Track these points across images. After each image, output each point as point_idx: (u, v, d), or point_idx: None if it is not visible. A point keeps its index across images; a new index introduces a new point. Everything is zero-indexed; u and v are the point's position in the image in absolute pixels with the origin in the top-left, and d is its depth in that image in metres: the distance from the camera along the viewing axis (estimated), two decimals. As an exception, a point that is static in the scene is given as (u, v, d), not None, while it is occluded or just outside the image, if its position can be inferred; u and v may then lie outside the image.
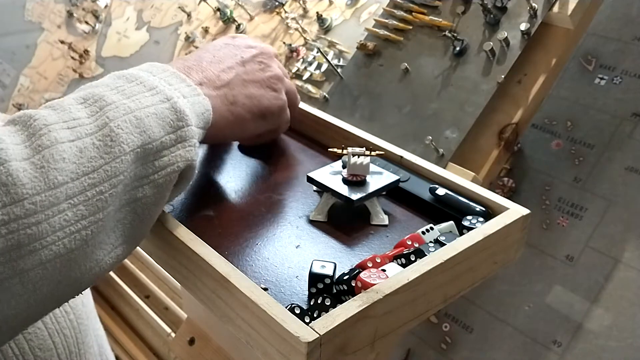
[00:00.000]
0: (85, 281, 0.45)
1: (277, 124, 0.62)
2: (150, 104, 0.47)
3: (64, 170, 0.42)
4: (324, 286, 0.44)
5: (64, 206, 0.41)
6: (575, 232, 0.77)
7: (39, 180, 0.40)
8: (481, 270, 0.49)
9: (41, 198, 0.40)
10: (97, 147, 0.44)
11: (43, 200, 0.40)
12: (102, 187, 0.43)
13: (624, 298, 0.71)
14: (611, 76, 0.82)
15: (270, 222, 0.53)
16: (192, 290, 0.47)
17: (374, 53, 0.90)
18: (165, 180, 0.47)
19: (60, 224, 0.41)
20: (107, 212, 0.44)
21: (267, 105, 0.59)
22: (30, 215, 0.40)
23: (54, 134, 0.43)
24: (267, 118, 0.60)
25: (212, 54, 0.59)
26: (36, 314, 0.44)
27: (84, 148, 0.43)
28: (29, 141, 0.42)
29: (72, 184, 0.42)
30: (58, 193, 0.41)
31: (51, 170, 0.41)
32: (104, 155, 0.44)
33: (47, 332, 0.65)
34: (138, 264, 1.12)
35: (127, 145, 0.45)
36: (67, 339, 0.67)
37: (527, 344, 0.75)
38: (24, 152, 0.41)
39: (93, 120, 0.45)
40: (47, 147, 0.42)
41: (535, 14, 0.78)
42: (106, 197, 0.43)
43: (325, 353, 0.38)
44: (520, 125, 0.78)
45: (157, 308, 1.05)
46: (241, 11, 1.22)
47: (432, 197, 0.54)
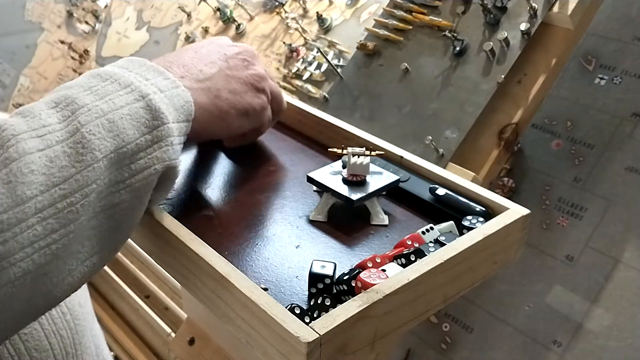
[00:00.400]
0: (59, 294, 0.43)
1: (260, 123, 0.60)
2: (124, 104, 0.45)
3: (32, 184, 0.40)
4: (324, 286, 0.44)
5: (33, 221, 0.40)
6: (575, 232, 0.77)
7: (6, 197, 0.39)
8: (481, 270, 0.49)
9: (8, 216, 0.39)
10: (69, 155, 0.42)
11: (10, 218, 0.39)
12: (74, 198, 0.42)
13: (624, 298, 0.71)
14: (611, 76, 0.82)
15: (270, 222, 0.53)
16: (192, 290, 0.47)
17: (374, 53, 0.90)
18: (143, 184, 0.45)
19: (29, 240, 0.40)
20: (80, 223, 0.42)
21: (250, 102, 0.57)
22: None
23: (22, 145, 0.41)
24: (250, 116, 0.58)
25: (194, 50, 0.57)
26: (10, 331, 0.43)
27: (54, 157, 0.42)
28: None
29: (42, 196, 0.40)
30: (26, 208, 0.40)
31: (19, 185, 0.40)
32: (76, 164, 0.42)
33: (44, 333, 0.64)
34: (138, 264, 1.13)
35: (99, 151, 0.43)
36: (64, 339, 0.66)
37: (527, 344, 0.75)
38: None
39: (64, 126, 0.43)
40: (15, 160, 0.40)
41: (535, 14, 0.78)
42: (78, 207, 0.42)
43: (325, 353, 0.38)
44: (520, 125, 0.78)
45: (157, 308, 1.05)
46: (241, 11, 1.22)
47: (432, 197, 0.54)
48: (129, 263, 1.13)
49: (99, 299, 1.11)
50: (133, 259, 1.13)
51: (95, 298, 1.11)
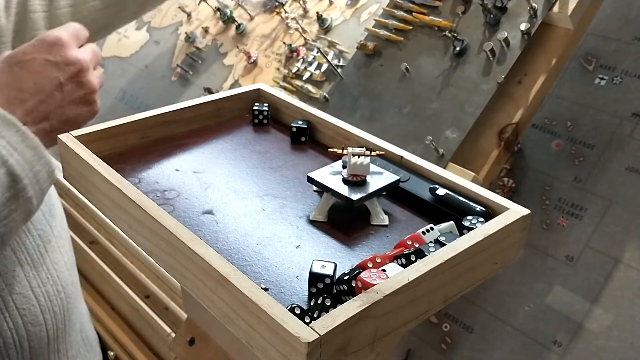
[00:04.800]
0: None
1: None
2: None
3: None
4: (324, 286, 0.44)
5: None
6: (575, 232, 0.77)
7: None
8: (481, 270, 0.49)
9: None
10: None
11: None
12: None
13: (624, 298, 0.71)
14: (611, 76, 0.82)
15: (270, 222, 0.53)
16: (192, 290, 0.47)
17: (374, 53, 0.90)
18: (6, 229, 0.58)
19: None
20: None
21: (83, 121, 0.66)
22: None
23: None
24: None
25: (32, 80, 0.62)
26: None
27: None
28: None
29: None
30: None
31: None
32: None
33: (40, 308, 0.70)
34: (138, 264, 1.12)
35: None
36: (57, 316, 0.72)
37: (527, 344, 0.75)
38: None
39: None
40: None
41: (535, 14, 0.78)
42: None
43: (325, 353, 0.38)
44: (520, 125, 0.78)
45: (157, 308, 1.05)
46: (241, 11, 1.22)
47: (432, 197, 0.54)
48: (129, 263, 1.12)
49: (98, 299, 1.11)
50: (133, 259, 1.13)
51: (95, 298, 1.11)
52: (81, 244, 1.16)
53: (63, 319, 0.74)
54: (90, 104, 0.66)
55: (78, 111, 0.65)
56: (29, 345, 0.70)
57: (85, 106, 0.65)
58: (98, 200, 0.57)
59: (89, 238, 1.19)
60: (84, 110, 0.66)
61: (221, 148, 0.65)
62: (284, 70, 1.07)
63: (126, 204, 0.52)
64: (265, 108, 0.70)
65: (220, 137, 0.67)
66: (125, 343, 1.04)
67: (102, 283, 1.12)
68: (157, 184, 0.58)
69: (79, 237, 1.17)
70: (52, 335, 0.73)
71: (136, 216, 0.51)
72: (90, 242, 1.18)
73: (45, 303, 0.71)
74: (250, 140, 0.67)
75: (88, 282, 1.14)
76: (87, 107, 0.66)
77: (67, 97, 0.64)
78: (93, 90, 0.65)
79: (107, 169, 0.55)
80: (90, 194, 0.58)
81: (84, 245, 1.16)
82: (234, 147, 0.65)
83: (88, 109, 0.66)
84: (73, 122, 0.65)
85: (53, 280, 0.73)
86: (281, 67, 1.08)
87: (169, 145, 0.65)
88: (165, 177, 0.59)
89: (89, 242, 1.18)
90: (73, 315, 0.77)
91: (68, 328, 0.76)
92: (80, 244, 1.15)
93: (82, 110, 0.65)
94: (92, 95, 0.66)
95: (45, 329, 0.71)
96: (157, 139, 0.66)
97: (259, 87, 0.73)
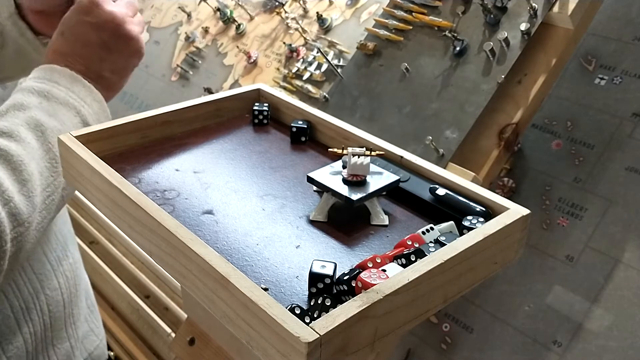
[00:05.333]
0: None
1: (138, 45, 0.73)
2: (69, 122, 0.65)
3: (37, 191, 0.61)
4: (324, 286, 0.44)
5: (36, 215, 0.61)
6: (575, 232, 0.77)
7: (30, 207, 0.60)
8: (481, 270, 0.49)
9: (31, 218, 0.60)
10: (48, 168, 0.63)
11: (32, 219, 0.60)
12: (54, 196, 0.63)
13: (624, 298, 0.71)
14: (611, 76, 0.82)
15: (270, 222, 0.53)
16: (192, 290, 0.47)
17: (374, 53, 0.90)
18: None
19: (34, 228, 0.61)
20: (56, 208, 0.65)
21: (134, 67, 0.73)
22: (26, 230, 0.60)
23: (29, 168, 0.60)
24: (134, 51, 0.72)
25: (80, 43, 0.69)
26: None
27: (42, 171, 0.62)
28: (14, 175, 0.59)
29: (40, 197, 0.61)
30: (36, 211, 0.61)
31: (33, 197, 0.60)
32: (53, 174, 0.63)
33: (54, 273, 0.76)
34: (138, 264, 1.12)
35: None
36: (69, 280, 0.79)
37: (527, 344, 0.75)
38: (16, 187, 0.59)
39: (40, 145, 0.62)
40: (28, 180, 0.60)
41: (535, 14, 0.78)
42: (56, 199, 0.64)
43: (325, 353, 0.38)
44: (520, 125, 0.78)
45: (157, 308, 1.05)
46: (241, 11, 1.22)
47: (432, 197, 0.54)
48: (129, 263, 1.13)
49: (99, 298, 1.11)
50: (133, 259, 1.14)
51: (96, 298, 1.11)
52: (81, 244, 1.16)
53: (74, 283, 0.80)
54: (136, 52, 0.72)
55: (127, 60, 0.72)
56: (49, 309, 0.75)
57: (132, 55, 0.71)
58: (98, 200, 0.57)
59: (89, 238, 1.19)
60: (132, 58, 0.72)
61: (221, 148, 0.65)
62: (284, 70, 1.07)
63: (126, 204, 0.52)
64: (265, 108, 0.70)
65: (220, 137, 0.67)
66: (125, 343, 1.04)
67: (102, 283, 1.12)
68: (157, 184, 0.58)
69: (79, 237, 1.17)
70: (66, 299, 0.78)
71: (136, 216, 0.51)
72: (90, 242, 1.18)
73: (57, 267, 0.76)
74: (250, 140, 0.67)
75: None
76: (135, 55, 0.72)
77: (114, 51, 0.70)
78: (135, 38, 0.70)
79: (107, 169, 0.55)
80: (90, 194, 0.58)
81: (84, 245, 1.16)
82: (234, 147, 0.65)
83: (136, 56, 0.72)
84: (125, 70, 0.72)
85: (61, 245, 0.78)
86: (281, 67, 1.08)
87: (169, 145, 0.65)
88: (165, 177, 0.59)
89: (89, 242, 1.18)
90: (81, 281, 0.83)
91: (78, 292, 0.81)
92: (80, 244, 1.15)
93: (130, 59, 0.72)
94: (136, 43, 0.71)
95: (61, 292, 0.76)
96: (157, 139, 0.66)
97: (259, 87, 0.73)
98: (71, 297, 0.79)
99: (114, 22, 0.69)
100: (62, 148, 0.60)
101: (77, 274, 0.82)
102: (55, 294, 0.76)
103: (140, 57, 0.73)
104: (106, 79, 0.70)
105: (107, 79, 0.70)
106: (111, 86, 0.71)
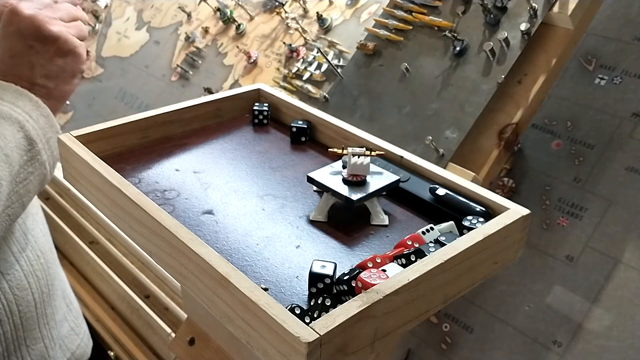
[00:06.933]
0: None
1: (78, 56, 0.70)
2: (11, 137, 0.62)
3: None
4: (324, 286, 0.44)
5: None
6: (575, 232, 0.77)
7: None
8: (481, 270, 0.49)
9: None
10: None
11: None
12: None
13: (624, 298, 0.71)
14: (611, 76, 0.82)
15: (270, 222, 0.53)
16: (192, 290, 0.47)
17: (374, 53, 0.90)
18: (25, 190, 0.64)
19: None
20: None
21: (73, 71, 0.69)
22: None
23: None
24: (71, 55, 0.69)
25: (8, 54, 0.67)
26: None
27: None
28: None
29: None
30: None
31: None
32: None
33: (23, 273, 0.74)
34: (138, 264, 1.12)
35: (3, 179, 0.60)
36: (40, 280, 0.77)
37: (527, 344, 0.75)
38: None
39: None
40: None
41: (535, 14, 0.78)
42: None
43: (325, 353, 0.38)
44: (520, 125, 0.78)
45: (157, 308, 1.05)
46: (241, 11, 1.22)
47: (432, 197, 0.54)
48: (129, 263, 1.12)
49: (98, 299, 1.11)
50: (133, 259, 1.13)
51: (95, 298, 1.11)
52: (81, 244, 1.16)
53: (46, 283, 0.78)
54: (67, 52, 0.68)
55: (60, 63, 0.68)
56: (18, 309, 0.74)
57: (62, 55, 0.68)
58: (98, 200, 0.57)
59: (89, 238, 1.19)
60: (63, 59, 0.68)
61: (221, 148, 0.65)
62: (284, 70, 1.07)
63: (126, 204, 0.52)
64: (265, 108, 0.70)
65: (220, 137, 0.67)
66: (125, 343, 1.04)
67: (102, 283, 1.12)
68: (157, 184, 0.58)
69: (79, 237, 1.17)
70: (38, 298, 0.76)
71: (136, 216, 0.51)
72: (90, 242, 1.18)
73: (27, 267, 0.75)
74: (250, 140, 0.67)
75: (88, 282, 1.14)
76: (67, 56, 0.68)
77: (41, 55, 0.67)
78: (60, 38, 0.67)
79: (107, 169, 0.55)
80: (90, 194, 0.58)
81: (84, 245, 1.16)
82: (234, 147, 0.65)
83: (70, 58, 0.68)
84: (62, 75, 0.68)
85: (32, 245, 0.77)
86: (281, 67, 1.08)
87: (169, 145, 0.65)
88: (165, 177, 0.59)
89: (89, 242, 1.18)
90: (55, 280, 0.81)
91: (52, 292, 0.80)
92: (80, 244, 1.15)
93: (63, 62, 0.68)
94: (63, 43, 0.67)
95: (31, 292, 0.75)
96: (157, 139, 0.66)
97: (259, 87, 0.73)
98: (43, 297, 0.78)
99: (34, 24, 0.67)
100: (62, 148, 0.60)
101: (51, 273, 0.80)
102: (25, 293, 0.75)
103: (76, 58, 0.69)
104: (41, 86, 0.68)
105: (42, 85, 0.68)
106: (50, 93, 0.68)
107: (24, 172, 0.63)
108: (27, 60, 0.67)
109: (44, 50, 0.67)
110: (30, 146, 0.64)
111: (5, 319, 0.73)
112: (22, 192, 0.64)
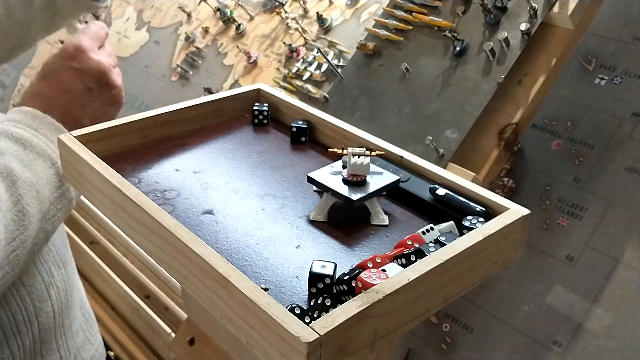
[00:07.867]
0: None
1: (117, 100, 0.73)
2: (42, 174, 0.63)
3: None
4: (324, 286, 0.44)
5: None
6: (575, 232, 0.77)
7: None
8: (481, 270, 0.49)
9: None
10: (14, 221, 0.59)
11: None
12: (18, 251, 0.60)
13: (624, 298, 0.71)
14: (611, 76, 0.82)
15: (270, 222, 0.53)
16: (192, 290, 0.47)
17: (374, 53, 0.90)
18: (52, 226, 0.65)
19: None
20: (22, 261, 0.61)
21: (112, 117, 0.72)
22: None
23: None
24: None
25: (63, 88, 0.68)
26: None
27: (7, 224, 0.59)
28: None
29: (2, 253, 0.58)
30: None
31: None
32: (19, 227, 0.60)
33: (44, 284, 0.74)
34: (138, 264, 1.12)
35: (33, 216, 0.61)
36: (60, 291, 0.77)
37: (527, 344, 0.75)
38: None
39: (9, 196, 0.60)
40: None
41: (535, 14, 0.78)
42: (20, 253, 0.61)
43: (325, 353, 0.38)
44: (520, 125, 0.78)
45: (157, 308, 1.05)
46: (241, 11, 1.22)
47: (432, 197, 0.54)
48: (129, 263, 1.13)
49: (99, 299, 1.11)
50: (133, 259, 1.13)
51: (95, 298, 1.11)
52: (81, 244, 1.16)
53: (66, 293, 0.78)
54: (117, 102, 0.72)
55: (107, 109, 0.71)
56: (37, 320, 0.74)
57: (113, 104, 0.72)
58: (98, 200, 0.57)
59: (89, 238, 1.19)
60: (112, 108, 0.72)
61: (221, 148, 0.65)
62: (284, 70, 1.07)
63: (126, 204, 0.52)
64: (265, 108, 0.70)
65: (220, 137, 0.67)
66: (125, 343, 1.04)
67: (102, 283, 1.12)
68: (157, 184, 0.58)
69: (79, 237, 1.17)
70: (57, 309, 0.76)
71: (136, 216, 0.51)
72: (90, 242, 1.18)
73: (48, 279, 0.75)
74: (250, 140, 0.67)
75: (88, 282, 1.14)
76: (115, 104, 0.72)
77: (96, 99, 0.69)
78: (118, 87, 0.71)
79: (107, 169, 0.55)
80: (90, 194, 0.58)
81: (84, 245, 1.16)
82: (234, 147, 0.65)
83: (116, 106, 0.72)
84: (104, 120, 0.69)
85: (53, 256, 0.77)
86: (281, 67, 1.08)
87: (169, 145, 0.65)
88: (165, 177, 0.59)
89: (89, 242, 1.18)
90: (73, 290, 0.81)
91: (70, 303, 0.80)
92: (80, 244, 1.15)
93: (110, 108, 0.71)
94: (118, 93, 0.72)
95: (51, 303, 0.75)
96: (157, 139, 0.66)
97: (259, 87, 0.73)
98: (62, 308, 0.78)
99: (99, 69, 0.69)
100: (62, 148, 0.60)
101: (70, 283, 0.80)
102: (45, 305, 0.74)
103: (119, 108, 0.73)
104: (83, 126, 0.67)
105: (84, 125, 0.67)
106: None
107: (53, 209, 0.64)
108: (80, 99, 0.68)
109: (100, 95, 0.69)
110: (60, 183, 0.65)
111: (25, 330, 0.72)
112: (49, 229, 0.65)
